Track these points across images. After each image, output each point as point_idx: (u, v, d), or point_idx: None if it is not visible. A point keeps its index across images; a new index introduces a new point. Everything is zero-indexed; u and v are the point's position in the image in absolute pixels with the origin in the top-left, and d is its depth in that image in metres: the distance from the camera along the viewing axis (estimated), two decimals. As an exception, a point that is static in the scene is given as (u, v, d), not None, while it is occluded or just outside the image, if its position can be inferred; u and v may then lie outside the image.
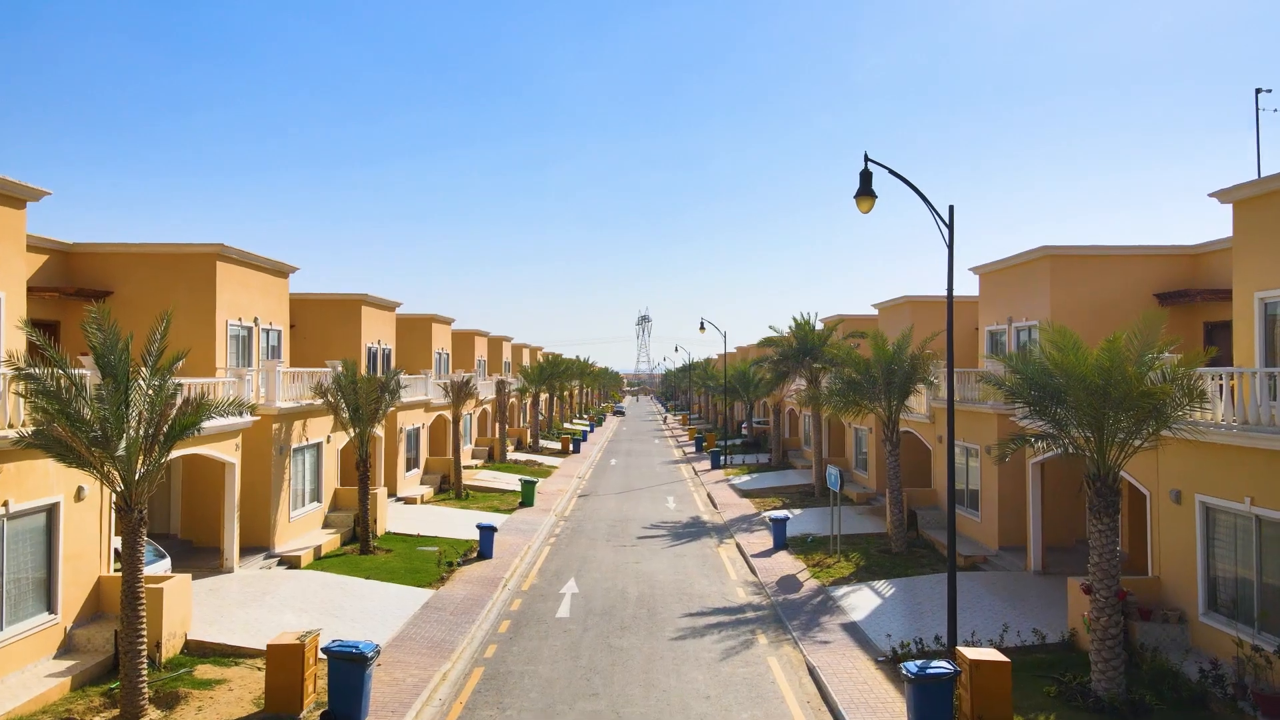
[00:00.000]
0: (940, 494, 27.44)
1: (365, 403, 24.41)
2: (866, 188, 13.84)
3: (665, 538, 28.65)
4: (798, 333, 37.51)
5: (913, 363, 24.30)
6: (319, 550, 23.78)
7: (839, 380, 25.43)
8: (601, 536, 28.83)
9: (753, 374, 59.07)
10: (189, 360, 22.88)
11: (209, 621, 16.68)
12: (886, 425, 24.80)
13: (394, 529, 27.99)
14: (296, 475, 24.68)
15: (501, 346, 66.66)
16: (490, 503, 35.23)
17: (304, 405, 24.38)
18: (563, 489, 39.97)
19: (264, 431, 22.58)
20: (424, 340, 45.31)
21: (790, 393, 49.20)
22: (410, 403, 35.82)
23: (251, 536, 22.51)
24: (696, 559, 25.20)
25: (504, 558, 24.65)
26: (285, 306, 27.67)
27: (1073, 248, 22.90)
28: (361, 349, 34.75)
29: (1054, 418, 13.33)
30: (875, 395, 24.63)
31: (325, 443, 26.59)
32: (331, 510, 27.09)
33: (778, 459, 48.87)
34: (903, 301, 34.79)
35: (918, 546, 25.24)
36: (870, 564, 23.29)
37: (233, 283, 23.84)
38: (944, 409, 26.79)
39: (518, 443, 60.29)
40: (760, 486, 40.19)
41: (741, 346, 78.86)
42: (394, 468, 34.30)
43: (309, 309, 34.35)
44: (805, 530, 28.47)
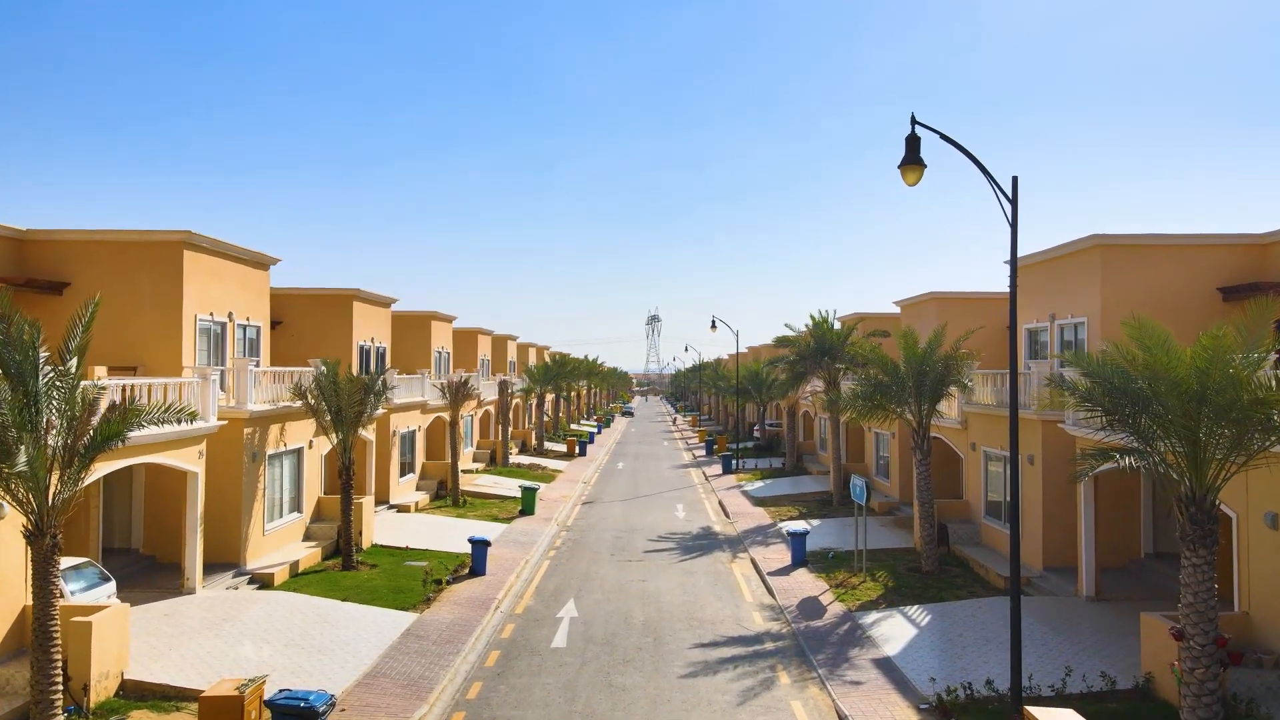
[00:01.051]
0: (974, 506, 25.25)
1: (348, 405, 22.40)
2: (914, 155, 11.70)
3: (674, 551, 26.56)
4: (815, 331, 35.36)
5: (946, 363, 22.14)
6: (296, 566, 21.78)
7: (865, 382, 23.27)
8: (605, 550, 26.76)
9: (765, 374, 56.88)
10: (152, 358, 21.02)
11: (154, 656, 14.67)
12: (916, 432, 22.64)
13: (382, 541, 25.98)
14: (273, 484, 22.69)
15: (506, 345, 64.65)
16: (489, 510, 33.21)
17: (281, 408, 22.38)
18: (566, 495, 37.92)
19: (234, 436, 20.60)
20: (422, 339, 43.32)
21: (806, 394, 47.03)
22: (405, 404, 33.84)
23: (220, 552, 20.53)
24: (708, 577, 23.10)
25: (498, 574, 22.61)
26: (265, 300, 25.70)
27: (1127, 236, 20.72)
28: (353, 347, 32.78)
29: (1138, 429, 11.18)
30: (904, 399, 22.48)
31: (307, 448, 24.59)
32: (314, 521, 25.10)
33: (792, 464, 46.71)
34: (928, 298, 32.61)
35: (950, 565, 23.07)
36: (899, 585, 21.15)
37: (203, 274, 21.86)
38: (978, 414, 24.61)
39: (522, 445, 58.30)
40: (774, 494, 38.05)
41: (753, 346, 76.67)
42: (386, 473, 32.32)
43: (297, 305, 32.39)
44: (825, 544, 26.33)
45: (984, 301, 31.53)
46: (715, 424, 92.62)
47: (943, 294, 32.14)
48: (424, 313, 43.44)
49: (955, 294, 32.13)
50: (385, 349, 36.59)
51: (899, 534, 27.82)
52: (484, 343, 56.43)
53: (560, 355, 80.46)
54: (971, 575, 22.02)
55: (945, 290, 32.19)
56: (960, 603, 19.19)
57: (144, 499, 20.64)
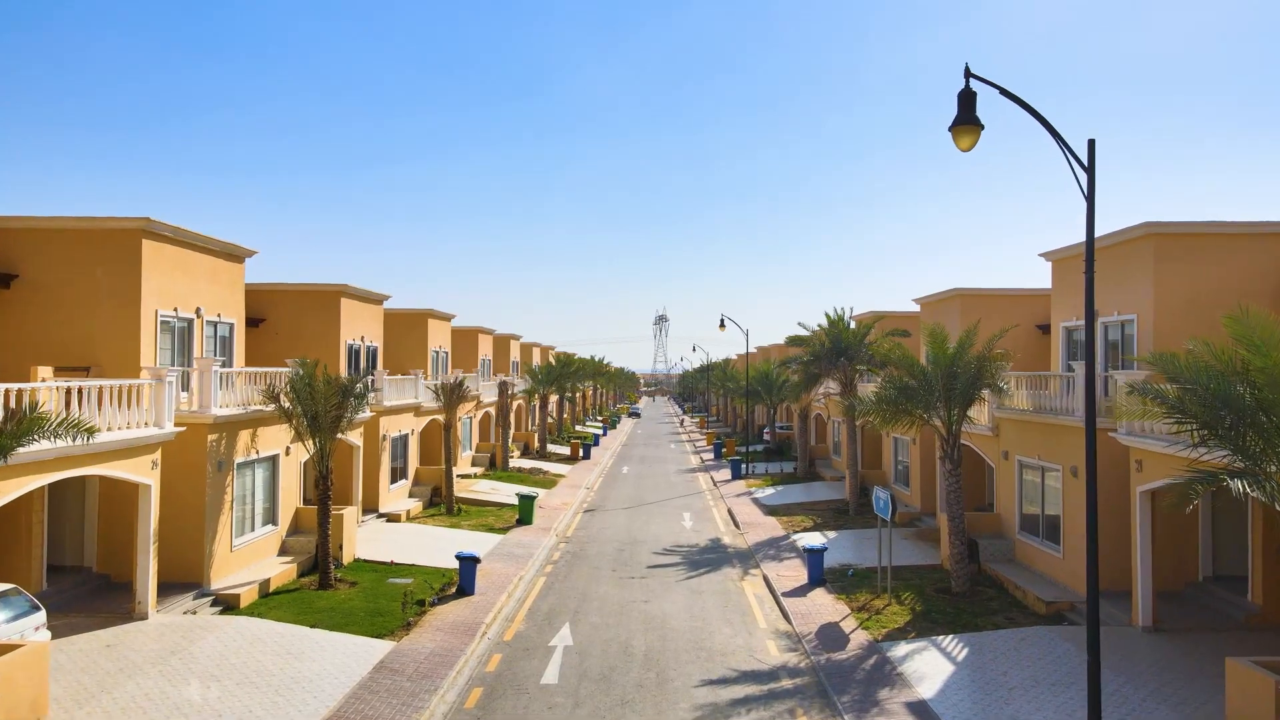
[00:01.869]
0: (1006, 520, 23.24)
1: (324, 409, 20.54)
2: (968, 114, 9.71)
3: (680, 567, 24.61)
4: (830, 331, 33.38)
5: (979, 365, 20.15)
6: (266, 585, 19.93)
7: (888, 385, 21.28)
8: (606, 564, 24.83)
9: (776, 375, 54.92)
10: (108, 357, 19.16)
11: (80, 700, 12.81)
12: (946, 440, 20.66)
13: (366, 554, 24.11)
14: (243, 495, 20.85)
15: (509, 345, 62.81)
16: (485, 519, 31.33)
17: (252, 412, 20.54)
18: (567, 502, 36.01)
19: (197, 443, 18.75)
20: (418, 338, 41.47)
21: (819, 397, 45.03)
22: (396, 406, 32.00)
23: (180, 570, 18.69)
24: (717, 597, 21.15)
25: (488, 593, 20.71)
26: (239, 295, 23.85)
27: (1183, 224, 18.69)
28: (340, 346, 30.93)
29: (1240, 445, 9.20)
30: (931, 404, 20.50)
31: (283, 455, 22.74)
32: (291, 534, 23.25)
33: (804, 469, 44.70)
34: (952, 295, 30.58)
35: (982, 585, 21.08)
36: (928, 609, 19.17)
37: (165, 265, 20.02)
38: (1012, 420, 22.62)
39: (524, 448, 56.44)
40: (786, 501, 36.06)
41: (763, 347, 74.65)
42: (375, 480, 30.48)
43: (281, 301, 30.57)
44: (843, 559, 24.36)
45: (1012, 299, 29.50)
46: (724, 426, 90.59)
47: (968, 290, 30.11)
48: (420, 310, 41.59)
49: (981, 290, 30.09)
50: (377, 348, 34.74)
51: (922, 548, 25.82)
52: (485, 342, 54.58)
53: (565, 355, 78.52)
54: (1007, 598, 20.02)
55: (970, 286, 30.15)
56: (1000, 633, 17.19)
57: (97, 511, 18.81)
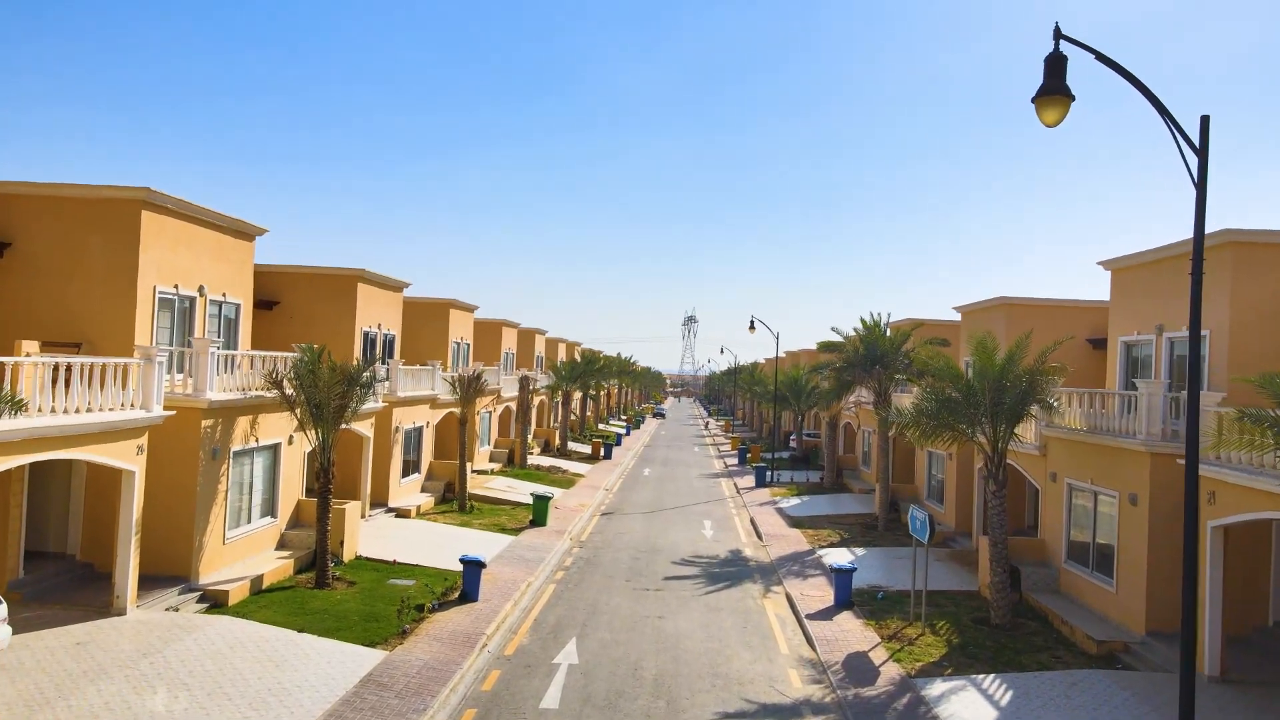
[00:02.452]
0: (1051, 547, 21.61)
1: (328, 398, 19.41)
2: (1057, 82, 8.22)
3: (698, 579, 23.24)
4: (865, 337, 31.82)
5: (1031, 379, 18.58)
6: (259, 582, 18.84)
7: (930, 397, 19.74)
8: (620, 574, 23.52)
9: (805, 381, 53.37)
10: (100, 334, 18.11)
11: (34, 705, 11.71)
12: (990, 459, 19.10)
13: (369, 552, 22.98)
14: (240, 485, 19.78)
15: (534, 339, 61.73)
16: (497, 519, 30.15)
17: (251, 398, 19.45)
18: (584, 504, 34.76)
19: (190, 429, 17.68)
20: (439, 328, 40.41)
21: (850, 405, 43.43)
22: (411, 398, 30.92)
23: (167, 562, 17.64)
24: (736, 616, 19.76)
25: (493, 600, 19.48)
26: (247, 275, 22.82)
27: (1266, 233, 17.01)
28: (356, 333, 29.89)
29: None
30: (976, 419, 18.95)
31: (285, 444, 21.67)
32: (292, 527, 22.17)
33: (831, 479, 43.11)
34: (997, 304, 28.90)
35: (1024, 616, 19.50)
36: (966, 641, 17.64)
37: (166, 239, 18.98)
38: (1062, 440, 21.00)
39: (545, 445, 55.31)
40: (812, 513, 34.54)
41: (791, 352, 72.97)
42: (385, 474, 29.41)
43: (296, 284, 29.59)
44: (872, 580, 22.86)
45: (1062, 310, 27.78)
46: (749, 430, 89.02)
47: (1015, 300, 28.42)
48: (442, 300, 40.54)
49: (1029, 300, 28.38)
50: (394, 336, 33.69)
51: (957, 571, 24.24)
52: (509, 335, 53.50)
53: (590, 352, 77.42)
54: (1052, 633, 18.43)
55: (1017, 295, 28.46)
56: (1047, 675, 15.64)
57: (83, 496, 17.80)
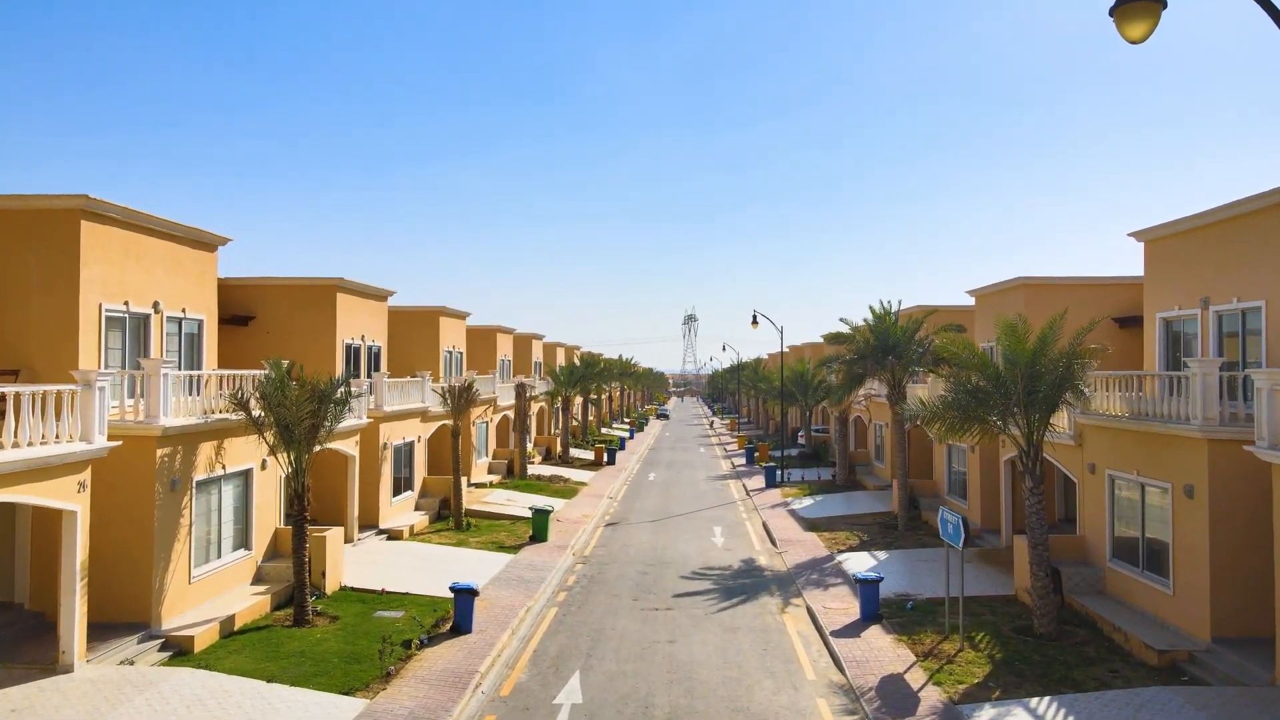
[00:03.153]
0: (1093, 545, 19.92)
1: (296, 417, 17.75)
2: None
3: (711, 595, 21.57)
4: (876, 326, 30.12)
5: (1069, 363, 16.89)
6: (231, 623, 17.18)
7: (958, 388, 18.05)
8: (626, 591, 21.85)
9: (811, 375, 51.75)
10: (43, 359, 16.46)
11: (-57, 796, 10.06)
12: (1025, 453, 17.41)
13: (355, 581, 21.30)
14: (206, 517, 18.12)
15: (530, 345, 60.03)
16: (496, 535, 28.50)
17: (214, 422, 17.80)
18: (587, 514, 33.10)
19: (143, 460, 16.03)
20: (429, 337, 38.79)
21: (860, 398, 41.75)
22: (399, 412, 29.26)
23: (124, 608, 15.99)
24: (755, 637, 18.08)
25: (488, 631, 17.83)
26: (209, 288, 21.18)
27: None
28: (337, 345, 28.25)
29: None
30: (1008, 409, 17.26)
31: (259, 469, 20.01)
32: (269, 559, 20.51)
33: (843, 477, 41.43)
34: (1015, 285, 27.22)
35: (1070, 623, 17.81)
36: (1010, 656, 15.95)
37: (112, 252, 17.33)
38: (1100, 428, 19.32)
39: (546, 453, 53.68)
40: (827, 514, 32.87)
41: (795, 346, 71.32)
42: (374, 493, 27.73)
43: (271, 296, 27.96)
44: (898, 587, 21.20)
45: (1085, 289, 26.11)
46: (755, 427, 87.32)
47: (1034, 279, 26.75)
48: (431, 308, 38.91)
49: (1050, 280, 26.70)
50: (379, 348, 32.05)
51: (989, 574, 22.54)
52: (504, 342, 51.85)
53: (590, 355, 75.71)
54: (1103, 641, 16.74)
55: (1037, 275, 26.78)
56: (1108, 694, 13.94)
57: (30, 538, 16.14)
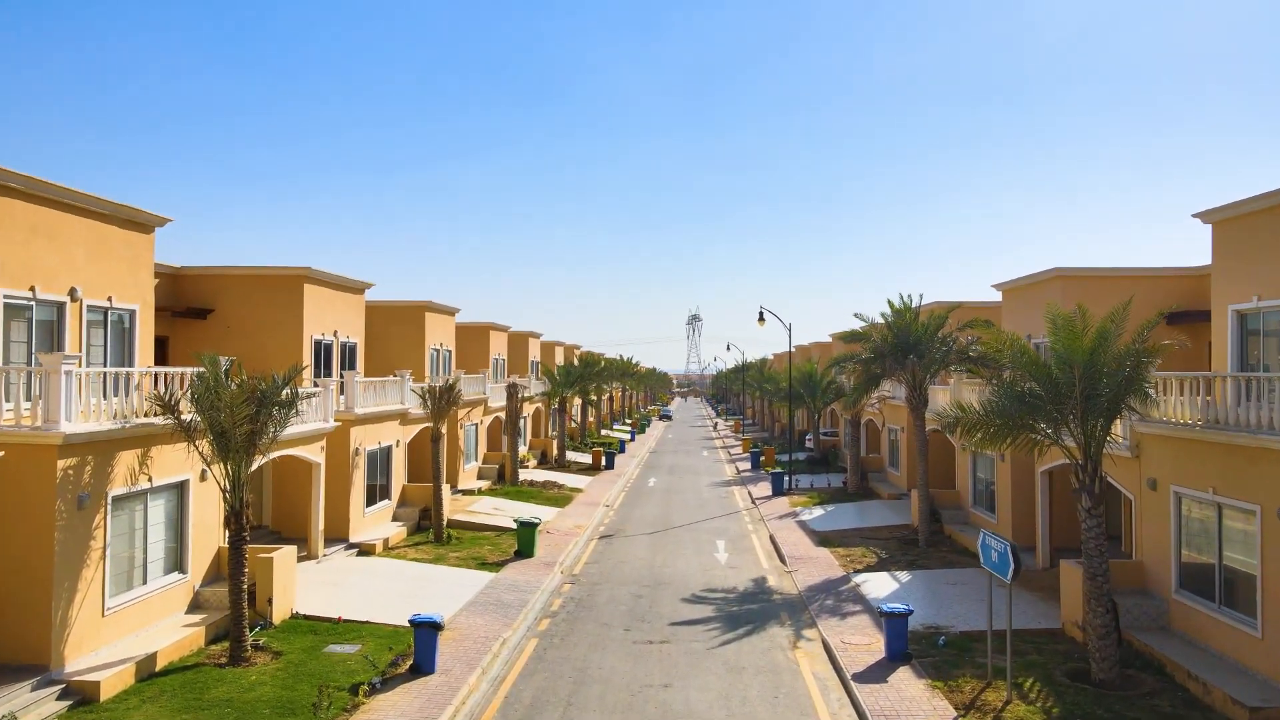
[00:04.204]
0: (1154, 573, 17.36)
1: (233, 423, 15.25)
2: None
3: (714, 625, 19.04)
4: (895, 323, 27.56)
5: (1136, 362, 14.35)
6: (152, 661, 14.72)
7: (1003, 393, 15.48)
8: (618, 619, 19.34)
9: (820, 376, 49.17)
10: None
11: None
12: (1082, 467, 14.85)
13: (310, 607, 18.80)
14: (128, 537, 15.65)
15: (527, 343, 57.60)
16: (479, 550, 26.03)
17: (136, 427, 15.32)
18: (581, 525, 30.59)
19: (40, 474, 13.58)
20: (413, 334, 36.37)
21: (874, 400, 39.20)
22: (373, 414, 26.80)
23: (17, 648, 13.53)
24: (764, 680, 15.55)
25: (454, 671, 15.34)
26: (144, 276, 18.73)
27: None
28: (304, 341, 25.82)
29: None
30: (1064, 415, 14.70)
31: (197, 481, 17.53)
32: (210, 582, 18.05)
33: (855, 484, 38.88)
34: (1050, 277, 24.69)
35: (1134, 667, 15.24)
36: (1067, 710, 13.42)
37: (13, 228, 14.86)
38: (1162, 438, 16.78)
39: (542, 456, 51.21)
40: (839, 526, 30.34)
41: (802, 346, 68.74)
42: (343, 504, 25.27)
43: (232, 288, 25.58)
44: (927, 616, 18.67)
45: (1129, 281, 23.57)
46: (760, 430, 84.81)
47: (1071, 270, 24.23)
48: (415, 303, 36.49)
49: (1089, 270, 24.21)
50: (356, 345, 29.62)
51: (1026, 600, 19.96)
52: (497, 340, 49.40)
53: (589, 355, 73.20)
54: (1177, 692, 14.18)
55: (1074, 266, 24.27)
56: (1199, 768, 11.40)
57: (-92, 567, 13.68)
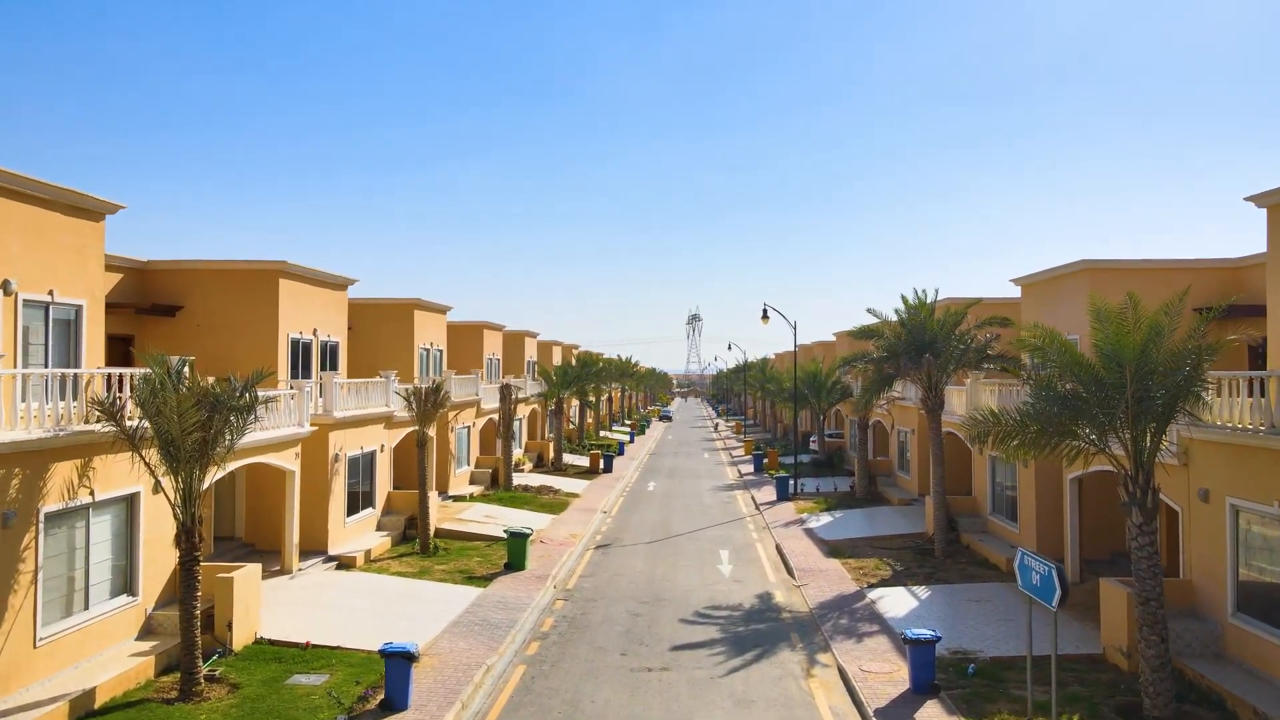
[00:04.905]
0: (1205, 593, 15.74)
1: (182, 431, 13.63)
2: None
3: (718, 648, 17.41)
4: (910, 319, 25.93)
5: (1196, 360, 12.73)
6: (90, 699, 13.11)
7: (1043, 395, 13.85)
8: (613, 642, 17.72)
9: (825, 376, 47.57)
10: None
11: None
12: (1133, 477, 13.23)
13: (277, 631, 17.18)
14: (65, 558, 14.02)
15: (523, 343, 55.98)
16: (467, 562, 24.43)
17: (72, 435, 13.70)
18: (575, 534, 28.98)
19: (-44, 489, 11.94)
20: (402, 332, 34.82)
21: (882, 401, 37.56)
22: (354, 418, 25.20)
23: (-72, 690, 11.89)
24: (776, 715, 13.92)
25: (429, 706, 13.74)
26: (94, 266, 17.13)
27: None
28: (280, 341, 24.22)
29: None
30: (1113, 421, 13.08)
31: (148, 494, 15.89)
32: (166, 605, 16.41)
33: (863, 489, 37.24)
34: (1077, 270, 23.08)
35: (1190, 701, 13.63)
36: (1123, 755, 11.80)
37: (-68, 214, 13.26)
38: (1213, 444, 15.14)
39: (538, 459, 49.60)
40: (849, 535, 28.72)
41: (805, 345, 67.12)
42: (322, 513, 23.65)
43: (202, 283, 24.02)
44: (953, 640, 17.07)
45: (1163, 273, 21.96)
46: (762, 430, 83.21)
47: (1099, 263, 22.63)
48: (404, 300, 34.93)
49: (1119, 263, 22.59)
50: (338, 344, 28.02)
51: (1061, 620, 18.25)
52: (491, 339, 47.84)
53: (587, 355, 71.57)
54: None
55: (1104, 258, 22.66)
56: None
57: None
